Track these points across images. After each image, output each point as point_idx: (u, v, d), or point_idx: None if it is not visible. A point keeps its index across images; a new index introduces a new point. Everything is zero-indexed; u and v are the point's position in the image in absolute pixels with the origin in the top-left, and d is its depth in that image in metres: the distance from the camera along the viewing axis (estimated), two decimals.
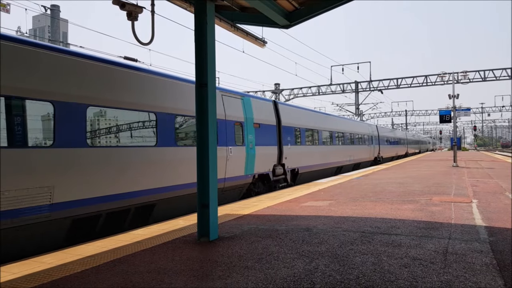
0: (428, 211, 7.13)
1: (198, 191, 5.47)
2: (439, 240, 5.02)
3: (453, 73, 24.20)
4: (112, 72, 6.90)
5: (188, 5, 6.53)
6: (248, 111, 11.11)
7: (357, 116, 41.19)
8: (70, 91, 6.09)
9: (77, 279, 3.87)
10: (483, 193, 9.44)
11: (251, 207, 8.09)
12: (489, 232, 5.38)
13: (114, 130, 6.93)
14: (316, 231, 5.67)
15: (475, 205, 7.74)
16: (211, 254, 4.63)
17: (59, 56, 6.05)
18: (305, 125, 15.25)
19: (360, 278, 3.65)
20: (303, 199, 9.10)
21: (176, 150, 8.13)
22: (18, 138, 5.36)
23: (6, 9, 14.20)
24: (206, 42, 5.46)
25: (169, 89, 8.19)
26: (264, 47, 8.94)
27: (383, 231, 5.60)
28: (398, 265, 4.02)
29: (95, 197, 6.35)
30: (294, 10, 7.24)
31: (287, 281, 3.64)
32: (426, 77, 36.13)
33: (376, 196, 9.39)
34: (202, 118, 5.45)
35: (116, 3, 6.02)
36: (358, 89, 39.71)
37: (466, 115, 24.16)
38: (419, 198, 8.78)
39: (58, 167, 5.78)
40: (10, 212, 5.17)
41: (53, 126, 5.79)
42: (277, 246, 4.91)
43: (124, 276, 3.90)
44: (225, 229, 6.03)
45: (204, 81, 5.45)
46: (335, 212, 7.22)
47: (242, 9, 7.39)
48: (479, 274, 3.70)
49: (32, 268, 4.26)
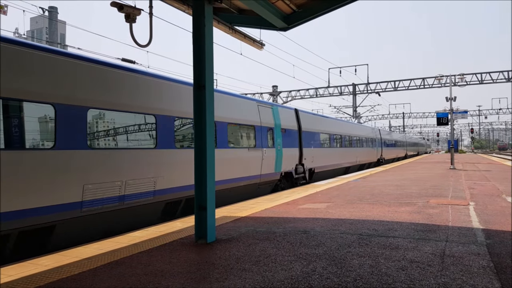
0: (425, 213, 7.14)
1: (196, 193, 5.46)
2: (437, 242, 5.02)
3: (450, 75, 24.32)
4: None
5: (186, 7, 6.54)
6: (276, 118, 12.95)
7: (354, 119, 41.28)
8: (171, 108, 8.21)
9: (74, 281, 3.85)
10: (480, 196, 9.46)
11: (249, 209, 8.08)
12: (486, 235, 5.39)
13: (191, 136, 8.92)
14: (314, 234, 5.67)
15: (472, 207, 7.76)
16: (208, 256, 4.62)
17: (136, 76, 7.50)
18: (320, 129, 17.18)
19: (358, 281, 3.65)
20: (301, 201, 9.10)
21: (225, 151, 10.12)
22: (145, 143, 7.56)
23: (4, 10, 14.19)
24: (204, 44, 5.46)
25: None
26: (262, 49, 8.96)
27: (381, 233, 5.60)
28: (396, 267, 4.03)
29: (179, 186, 8.24)
30: (292, 13, 7.26)
31: (284, 283, 3.64)
32: (424, 80, 36.28)
33: (373, 198, 9.40)
34: (200, 120, 5.44)
35: (114, 5, 6.02)
36: (356, 92, 39.84)
37: (463, 117, 24.20)
38: (417, 201, 8.79)
39: (158, 164, 7.68)
40: (136, 194, 7.22)
41: (156, 133, 7.76)
42: (275, 248, 4.90)
43: (121, 279, 3.89)
44: (223, 231, 6.02)
45: (202, 83, 5.45)
46: (333, 215, 7.23)
47: (240, 12, 7.41)
48: (476, 276, 3.71)
49: (29, 271, 4.24)
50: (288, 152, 13.49)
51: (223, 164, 9.70)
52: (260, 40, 8.67)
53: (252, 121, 11.34)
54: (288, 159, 13.46)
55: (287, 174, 13.56)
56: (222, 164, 9.67)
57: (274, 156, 12.37)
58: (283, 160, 13.02)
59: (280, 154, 12.80)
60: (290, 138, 13.89)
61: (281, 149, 12.92)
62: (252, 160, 11.09)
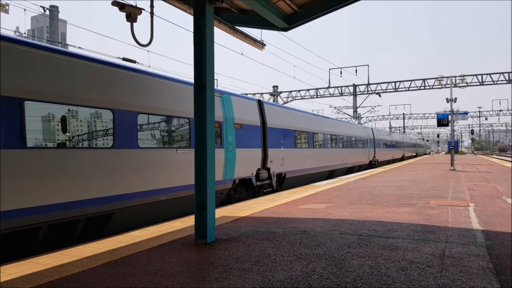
0: (425, 214, 7.14)
1: (196, 193, 5.46)
2: (436, 243, 5.03)
3: (451, 77, 24.32)
4: None
5: (187, 7, 6.55)
6: (228, 110, 10.46)
7: (355, 119, 41.29)
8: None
9: (73, 280, 3.85)
10: (480, 197, 9.46)
11: (248, 210, 8.08)
12: (486, 236, 5.39)
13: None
14: (314, 234, 5.67)
15: (472, 208, 7.76)
16: (208, 256, 4.62)
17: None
18: (294, 126, 14.62)
19: (357, 281, 3.66)
20: (301, 202, 9.10)
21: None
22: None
23: (5, 9, 14.19)
24: (205, 44, 5.47)
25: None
26: (263, 50, 8.96)
27: (380, 234, 5.61)
28: (395, 268, 4.03)
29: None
30: (293, 13, 7.27)
31: (284, 283, 3.64)
32: (424, 81, 36.31)
33: (373, 199, 9.41)
34: (200, 120, 5.45)
35: (115, 4, 6.03)
36: (356, 92, 39.84)
37: (463, 118, 24.24)
38: (417, 202, 8.79)
39: None
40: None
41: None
42: (275, 248, 4.90)
43: (120, 278, 3.89)
44: (223, 231, 6.02)
45: (203, 83, 5.45)
46: (333, 215, 7.23)
47: (241, 12, 7.41)
48: (476, 277, 3.71)
49: (29, 269, 4.24)
50: (245, 153, 10.97)
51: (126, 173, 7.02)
52: (261, 40, 8.68)
53: (185, 112, 8.61)
54: (245, 162, 10.98)
55: (244, 181, 11.19)
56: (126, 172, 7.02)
57: (222, 159, 9.89)
58: (237, 163, 10.57)
59: (233, 156, 10.38)
60: (249, 136, 11.33)
61: (234, 150, 10.45)
62: (181, 165, 8.35)
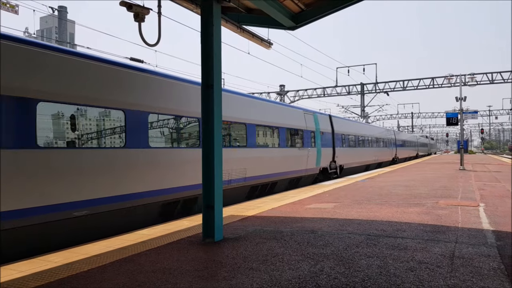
0: (434, 214, 7.08)
1: (204, 192, 5.47)
2: (446, 244, 4.97)
3: (460, 75, 24.06)
4: None
5: (195, 6, 6.56)
6: (316, 123, 16.04)
7: (362, 118, 41.04)
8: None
9: (83, 278, 3.89)
10: (490, 197, 9.35)
11: (255, 209, 8.08)
12: (496, 236, 5.32)
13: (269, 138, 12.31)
14: (321, 233, 5.65)
15: (482, 209, 7.66)
16: (216, 255, 4.63)
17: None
18: (348, 132, 20.13)
19: (366, 281, 3.63)
20: (308, 201, 9.08)
21: (254, 150, 12.37)
22: (233, 144, 10.26)
23: (14, 10, 14.39)
24: (212, 43, 5.47)
25: None
26: (270, 49, 8.95)
27: (389, 234, 5.57)
28: (404, 268, 4.00)
29: (257, 175, 11.15)
30: (300, 12, 7.24)
31: (292, 282, 3.63)
32: (433, 79, 35.90)
33: (381, 198, 9.34)
34: (208, 119, 5.45)
35: (123, 4, 6.06)
36: (364, 91, 39.58)
37: (473, 117, 23.95)
38: (426, 202, 8.72)
39: (248, 158, 10.63)
40: (233, 180, 9.86)
41: (246, 136, 10.85)
42: (282, 247, 4.90)
43: (129, 276, 3.92)
44: (230, 230, 6.03)
45: (210, 82, 5.46)
46: (340, 215, 7.19)
47: (248, 11, 7.40)
48: (487, 278, 3.67)
49: (39, 267, 4.30)
50: (324, 151, 16.47)
51: (286, 160, 12.97)
52: (268, 39, 8.67)
53: (301, 126, 14.40)
54: (324, 157, 16.43)
55: (323, 169, 16.57)
56: (286, 160, 12.96)
57: (315, 155, 15.48)
58: (321, 157, 16.06)
59: (320, 153, 15.88)
60: (326, 139, 16.90)
61: (320, 149, 15.95)
62: (300, 157, 14.07)
